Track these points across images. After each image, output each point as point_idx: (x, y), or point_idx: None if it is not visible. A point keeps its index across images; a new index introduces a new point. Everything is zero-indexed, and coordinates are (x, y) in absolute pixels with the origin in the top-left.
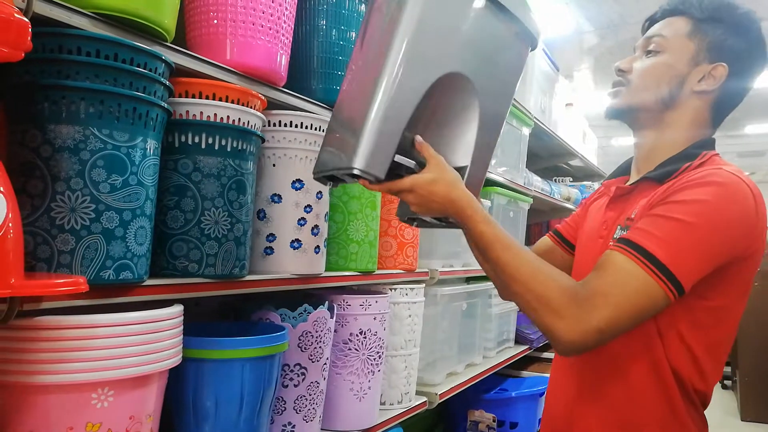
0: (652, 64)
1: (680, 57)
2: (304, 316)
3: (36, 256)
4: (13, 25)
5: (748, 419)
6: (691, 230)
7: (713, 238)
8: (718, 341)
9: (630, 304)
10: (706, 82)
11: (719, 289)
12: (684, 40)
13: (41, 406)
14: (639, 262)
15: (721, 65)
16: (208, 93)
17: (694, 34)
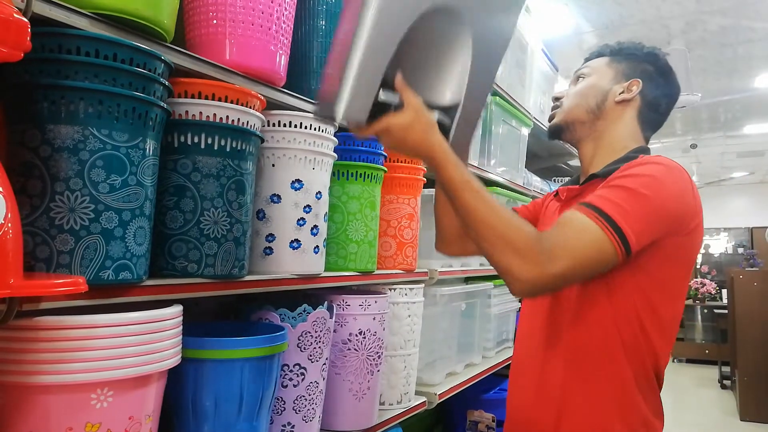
0: (581, 87)
1: (603, 78)
2: (304, 317)
3: (35, 256)
4: (13, 25)
5: (748, 419)
6: (642, 199)
7: (660, 208)
8: (668, 321)
9: (585, 256)
10: (625, 93)
11: (665, 264)
12: (605, 67)
13: (40, 406)
14: (594, 219)
15: (636, 80)
16: (208, 93)
17: (612, 62)
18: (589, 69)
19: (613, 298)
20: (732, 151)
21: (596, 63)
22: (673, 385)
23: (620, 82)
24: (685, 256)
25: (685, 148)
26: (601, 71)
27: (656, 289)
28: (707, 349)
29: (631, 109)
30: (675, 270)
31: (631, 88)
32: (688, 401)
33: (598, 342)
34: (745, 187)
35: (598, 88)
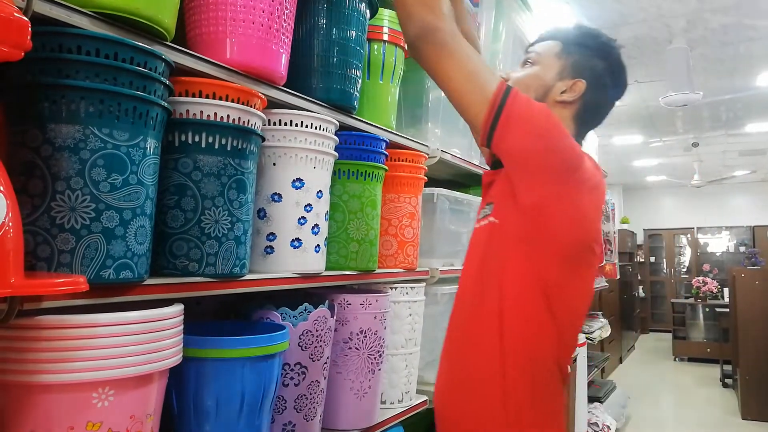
0: (526, 74)
1: (548, 71)
2: (305, 315)
3: (36, 256)
4: (13, 25)
5: (749, 418)
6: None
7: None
8: (570, 305)
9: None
10: (566, 94)
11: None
12: (553, 58)
13: (42, 405)
14: (499, 90)
15: (580, 81)
16: (209, 92)
17: (562, 54)
18: (537, 55)
19: (506, 285)
20: (734, 149)
21: (546, 50)
22: (674, 383)
23: (565, 79)
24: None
25: (687, 146)
26: (548, 62)
27: (548, 265)
28: (709, 347)
29: (570, 109)
30: (565, 242)
31: (574, 89)
32: (689, 400)
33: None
34: (747, 186)
35: (541, 81)
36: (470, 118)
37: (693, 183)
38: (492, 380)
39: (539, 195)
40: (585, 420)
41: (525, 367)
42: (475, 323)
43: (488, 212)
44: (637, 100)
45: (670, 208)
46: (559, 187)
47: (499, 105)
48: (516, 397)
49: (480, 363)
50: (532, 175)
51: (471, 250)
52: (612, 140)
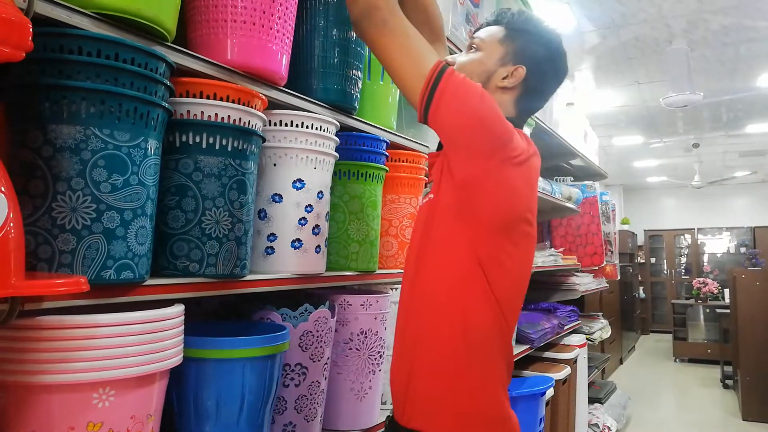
0: (469, 60)
1: (490, 56)
2: (305, 316)
3: (37, 256)
4: (14, 25)
5: (750, 419)
6: (474, 97)
7: (483, 110)
8: (508, 274)
9: (406, 44)
10: (507, 80)
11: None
12: (496, 44)
13: (42, 405)
14: (435, 68)
15: (521, 67)
16: (209, 93)
17: (505, 40)
18: (481, 41)
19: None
20: (734, 150)
21: (490, 36)
22: (675, 384)
23: (506, 65)
24: (502, 191)
25: (687, 147)
26: (491, 48)
27: (486, 232)
28: (709, 348)
29: (511, 95)
30: (496, 206)
31: (515, 76)
32: (690, 401)
33: (437, 293)
34: (748, 187)
35: (484, 67)
36: (408, 94)
37: (693, 184)
38: (434, 349)
39: (469, 171)
40: (585, 421)
41: (463, 334)
42: (418, 298)
43: (428, 190)
44: (638, 100)
45: (671, 208)
46: (487, 163)
47: (434, 82)
48: (455, 362)
49: (423, 335)
50: (463, 151)
51: (414, 228)
52: (612, 141)
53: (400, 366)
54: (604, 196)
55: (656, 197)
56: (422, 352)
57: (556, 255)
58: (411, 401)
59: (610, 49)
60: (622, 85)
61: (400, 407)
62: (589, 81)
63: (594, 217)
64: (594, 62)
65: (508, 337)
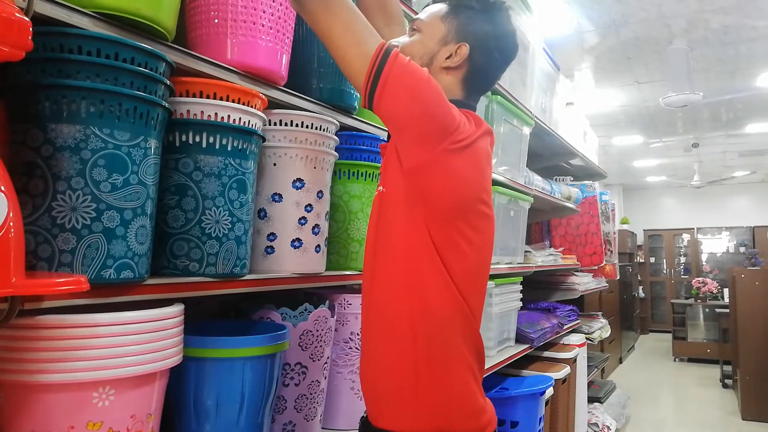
0: (411, 42)
1: (432, 36)
2: (305, 315)
3: (37, 256)
4: (14, 25)
5: (749, 418)
6: (421, 81)
7: (427, 97)
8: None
9: (351, 29)
10: (450, 60)
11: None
12: (438, 23)
13: (42, 404)
14: (378, 51)
15: (464, 45)
16: (209, 92)
17: (446, 17)
18: (421, 22)
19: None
20: (734, 150)
21: (431, 16)
22: (674, 384)
23: (449, 44)
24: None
25: (687, 146)
26: (433, 27)
27: (439, 222)
28: (709, 348)
29: (457, 75)
30: (448, 191)
31: (458, 54)
32: (689, 400)
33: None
34: (747, 187)
35: (426, 49)
36: (352, 78)
37: (693, 183)
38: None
39: (416, 159)
40: (585, 420)
41: (423, 324)
42: (377, 292)
43: (378, 181)
44: (637, 100)
45: (670, 208)
46: (433, 150)
47: (378, 66)
48: (414, 353)
49: (382, 329)
50: (408, 139)
51: (369, 225)
52: (612, 141)
53: (365, 363)
54: (603, 196)
55: (656, 197)
56: (382, 345)
57: (555, 254)
58: (376, 398)
59: (609, 48)
60: (621, 85)
61: (370, 406)
62: (589, 80)
63: (593, 216)
64: (594, 62)
65: (474, 323)
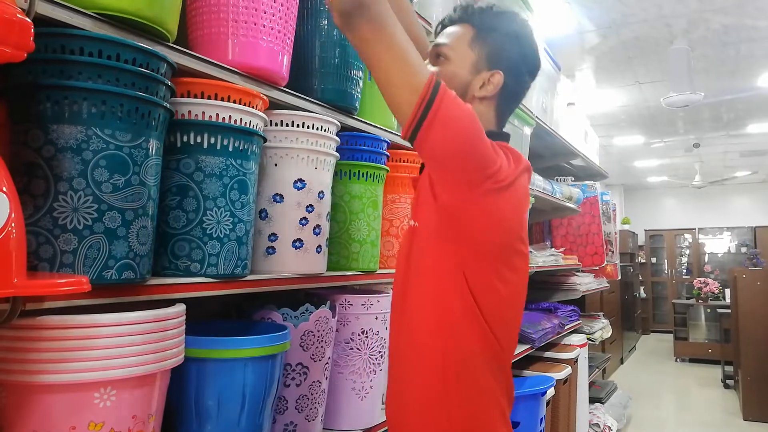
0: (442, 73)
1: (462, 66)
2: (306, 316)
3: (39, 256)
4: (16, 26)
5: (750, 419)
6: (465, 121)
7: (473, 138)
8: (499, 305)
9: (398, 56)
10: (485, 89)
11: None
12: (466, 49)
13: (44, 405)
14: (428, 85)
15: (498, 72)
16: (210, 93)
17: (474, 43)
18: (449, 49)
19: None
20: (735, 150)
21: (458, 41)
22: (676, 384)
23: (481, 72)
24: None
25: (688, 147)
26: (462, 55)
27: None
28: (710, 348)
29: (490, 103)
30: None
31: (492, 82)
32: (690, 401)
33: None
34: (748, 187)
35: (459, 80)
36: (397, 106)
37: (694, 184)
38: (423, 385)
39: (455, 197)
40: (586, 421)
41: (454, 367)
42: (407, 330)
43: (410, 215)
44: (638, 100)
45: (672, 208)
46: (474, 191)
47: (428, 101)
48: (446, 398)
49: (412, 369)
50: (449, 177)
51: (399, 252)
52: (613, 141)
53: (392, 395)
54: (604, 196)
55: (657, 197)
56: (411, 381)
57: (556, 255)
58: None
59: (610, 48)
60: (622, 85)
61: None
62: (590, 81)
63: (595, 217)
64: (594, 62)
65: (505, 361)
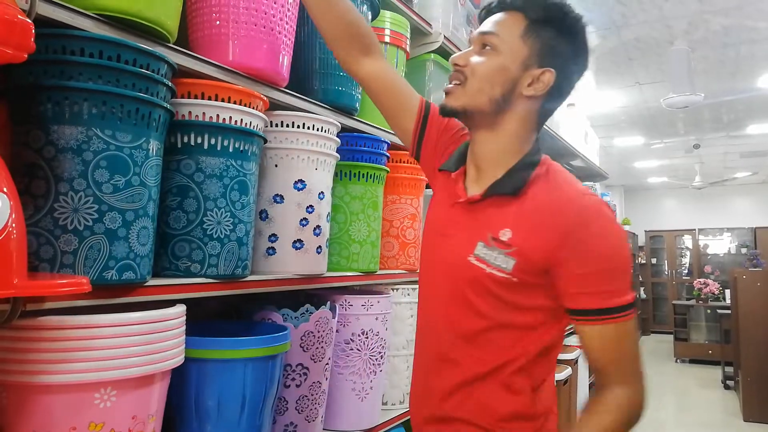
0: (488, 67)
1: (513, 59)
2: (306, 317)
3: (39, 257)
4: (17, 27)
5: (751, 419)
6: (623, 267)
7: (627, 261)
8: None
9: (636, 348)
10: (534, 87)
11: None
12: (518, 42)
13: (44, 405)
14: (617, 320)
15: (549, 71)
16: (211, 94)
17: (527, 35)
18: (500, 39)
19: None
20: (735, 151)
21: (509, 31)
22: (676, 385)
23: (531, 68)
24: None
25: (688, 148)
26: (512, 47)
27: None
28: (710, 349)
29: (535, 103)
30: None
31: (542, 81)
32: (691, 401)
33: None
34: (749, 188)
35: (508, 74)
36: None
37: (694, 184)
38: None
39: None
40: None
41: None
42: (464, 368)
43: (502, 254)
44: (639, 101)
45: (672, 209)
46: None
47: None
48: None
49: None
50: None
51: (465, 286)
52: (613, 142)
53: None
54: (605, 197)
55: (657, 198)
56: None
57: None
58: None
59: (610, 49)
60: (622, 86)
61: None
62: (590, 82)
63: None
64: (595, 63)
65: None
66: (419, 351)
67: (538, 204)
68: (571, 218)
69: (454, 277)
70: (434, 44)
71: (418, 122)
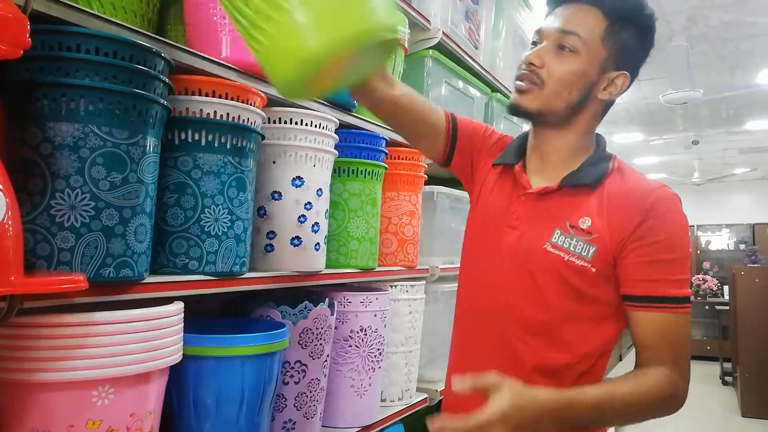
0: (568, 71)
1: (592, 63)
2: (305, 314)
3: (36, 254)
4: (12, 23)
5: (749, 415)
6: (686, 260)
7: (690, 254)
8: None
9: (689, 344)
10: (608, 91)
11: None
12: (598, 44)
13: (42, 403)
14: (676, 310)
15: (623, 74)
16: (208, 90)
17: (607, 37)
18: (581, 41)
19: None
20: (734, 147)
21: (590, 32)
22: None
23: (607, 71)
24: None
25: (687, 144)
26: (593, 50)
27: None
28: (708, 345)
29: (605, 105)
30: None
31: (617, 85)
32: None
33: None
34: (747, 184)
35: (587, 79)
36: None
37: (693, 181)
38: None
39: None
40: None
41: None
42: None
43: (582, 241)
44: (638, 97)
45: None
46: None
47: (687, 304)
48: None
49: None
50: None
51: (540, 280)
52: (612, 138)
53: None
54: None
55: None
56: None
57: None
58: None
59: None
60: None
61: None
62: None
63: None
64: None
65: None
66: (465, 345)
67: (616, 194)
68: (648, 207)
69: (524, 267)
70: (433, 40)
71: (448, 128)
